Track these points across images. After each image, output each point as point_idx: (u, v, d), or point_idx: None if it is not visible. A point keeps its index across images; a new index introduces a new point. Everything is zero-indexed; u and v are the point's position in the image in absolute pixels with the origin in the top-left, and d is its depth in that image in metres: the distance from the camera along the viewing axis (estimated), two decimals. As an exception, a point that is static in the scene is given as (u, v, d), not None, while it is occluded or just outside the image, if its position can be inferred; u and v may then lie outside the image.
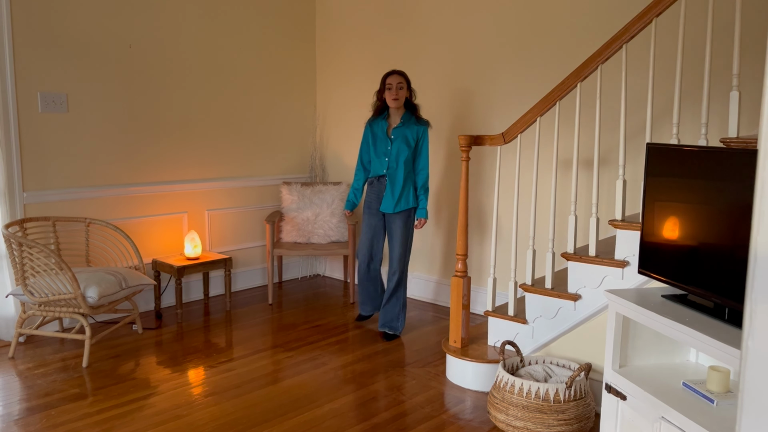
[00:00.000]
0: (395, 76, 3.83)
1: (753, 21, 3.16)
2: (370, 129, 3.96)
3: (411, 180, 3.89)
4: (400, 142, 3.82)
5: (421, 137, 3.86)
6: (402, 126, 3.84)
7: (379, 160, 3.91)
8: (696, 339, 2.02)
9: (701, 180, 2.24)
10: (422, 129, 3.85)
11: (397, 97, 3.80)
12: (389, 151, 3.86)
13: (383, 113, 3.91)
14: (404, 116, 3.86)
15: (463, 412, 3.04)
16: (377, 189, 3.95)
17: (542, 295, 3.13)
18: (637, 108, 3.52)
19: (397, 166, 3.85)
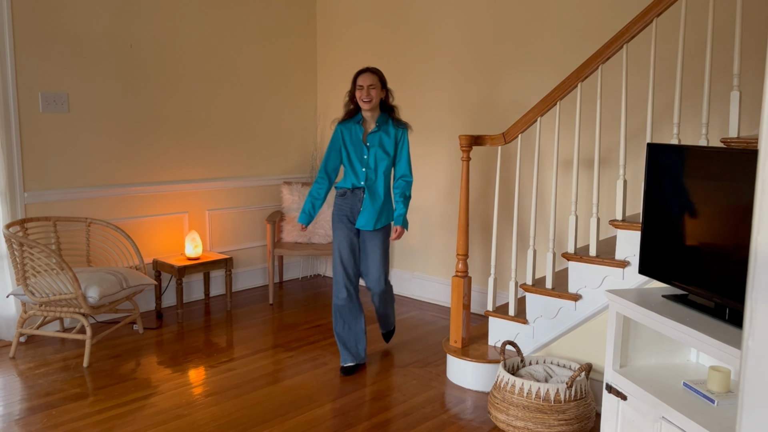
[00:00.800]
0: (366, 76, 3.34)
1: (754, 21, 3.16)
2: (342, 133, 3.43)
3: (389, 190, 3.46)
4: (378, 149, 3.37)
5: (400, 141, 3.40)
6: (378, 131, 3.38)
7: (355, 170, 3.40)
8: (696, 339, 2.02)
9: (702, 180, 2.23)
10: (400, 132, 3.40)
11: (369, 99, 3.31)
12: (366, 161, 3.37)
13: (357, 116, 3.43)
14: (379, 119, 3.38)
15: (464, 412, 3.04)
16: (351, 202, 3.40)
17: (543, 295, 3.13)
18: (637, 108, 3.52)
19: (376, 177, 3.38)
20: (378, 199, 3.38)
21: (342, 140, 3.42)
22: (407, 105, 4.85)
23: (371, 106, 3.32)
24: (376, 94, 3.33)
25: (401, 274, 5.04)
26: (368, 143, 3.38)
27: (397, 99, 4.97)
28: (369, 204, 3.37)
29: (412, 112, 4.82)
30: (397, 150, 3.41)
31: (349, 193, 3.41)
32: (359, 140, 3.39)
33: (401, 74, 4.86)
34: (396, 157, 3.42)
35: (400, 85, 4.87)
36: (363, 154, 3.38)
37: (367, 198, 3.38)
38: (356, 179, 3.40)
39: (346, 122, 3.43)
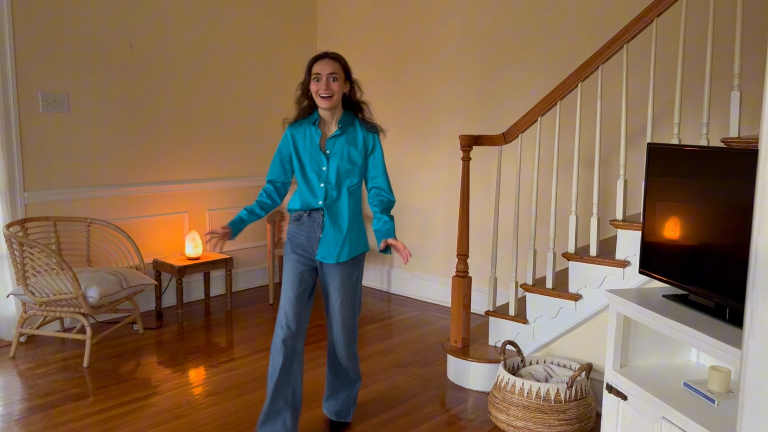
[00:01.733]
0: (325, 62, 2.56)
1: (754, 20, 3.15)
2: (293, 138, 2.64)
3: (360, 211, 2.71)
4: (341, 158, 2.59)
5: (371, 149, 2.66)
6: (340, 134, 2.61)
7: (311, 186, 2.60)
8: (697, 339, 2.01)
9: (702, 180, 2.23)
10: (371, 137, 2.66)
11: (329, 94, 2.52)
12: (325, 174, 2.58)
13: (312, 116, 2.64)
14: (342, 120, 2.62)
15: (464, 412, 3.04)
16: (309, 228, 2.63)
17: (543, 295, 3.13)
18: (638, 108, 3.51)
19: (339, 195, 2.60)
20: (342, 222, 2.61)
21: (293, 147, 2.63)
22: (407, 105, 4.85)
23: (332, 104, 2.53)
24: (339, 88, 2.55)
25: (401, 274, 5.04)
26: (328, 151, 2.59)
27: (398, 99, 5.00)
28: (330, 230, 2.60)
29: (413, 111, 4.82)
30: (367, 160, 2.66)
31: (306, 218, 2.62)
32: (316, 147, 2.59)
33: (401, 74, 4.86)
34: (367, 169, 2.67)
35: (400, 85, 4.88)
36: (321, 165, 2.58)
37: (328, 222, 2.60)
38: (313, 198, 2.59)
39: (297, 123, 2.66)
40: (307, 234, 2.63)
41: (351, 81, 2.65)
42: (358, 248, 2.68)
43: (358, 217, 2.68)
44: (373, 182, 2.70)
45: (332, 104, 2.54)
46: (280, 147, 2.68)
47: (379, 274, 5.20)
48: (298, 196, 2.64)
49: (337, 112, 2.62)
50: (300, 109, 2.65)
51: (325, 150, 2.60)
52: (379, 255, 5.18)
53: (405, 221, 4.98)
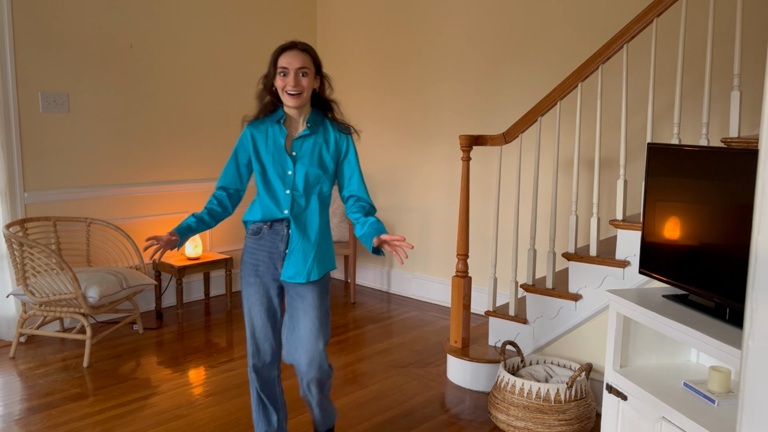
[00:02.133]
0: (294, 55, 2.22)
1: (754, 21, 3.15)
2: (253, 138, 2.32)
3: (329, 223, 2.39)
4: (309, 161, 2.27)
5: (345, 152, 2.34)
6: (309, 135, 2.29)
7: (275, 194, 2.28)
8: (697, 339, 2.01)
9: (702, 180, 2.23)
10: (344, 139, 2.34)
11: (297, 91, 2.20)
12: (291, 179, 2.27)
13: (277, 113, 2.32)
14: (311, 119, 2.31)
15: (464, 413, 3.04)
16: (271, 242, 2.29)
17: (543, 295, 3.13)
18: (638, 108, 3.52)
19: (307, 204, 2.29)
20: (312, 234, 2.29)
21: (253, 148, 2.31)
22: (407, 104, 4.85)
23: (300, 102, 2.22)
24: (309, 84, 2.23)
25: (401, 274, 5.04)
26: (294, 153, 2.27)
27: (398, 98, 5.00)
28: (298, 243, 2.27)
29: (413, 111, 4.82)
30: (340, 164, 2.35)
31: (267, 231, 2.29)
32: (280, 148, 2.27)
33: (401, 74, 4.86)
34: (341, 175, 2.36)
35: (400, 85, 4.88)
36: (286, 168, 2.27)
37: (295, 234, 2.26)
38: (276, 207, 2.27)
39: (259, 122, 2.34)
40: (269, 249, 2.29)
41: (322, 76, 2.31)
42: (328, 264, 2.35)
43: (327, 228, 2.36)
44: (349, 190, 2.36)
45: (301, 102, 2.22)
46: (236, 148, 2.34)
47: (379, 274, 5.20)
48: (258, 205, 2.31)
49: (305, 109, 2.29)
50: (262, 105, 2.33)
51: (291, 152, 2.27)
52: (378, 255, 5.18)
53: (405, 221, 4.98)
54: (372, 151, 5.06)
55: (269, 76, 2.27)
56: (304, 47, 2.26)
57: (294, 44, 2.25)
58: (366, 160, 5.13)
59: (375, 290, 5.18)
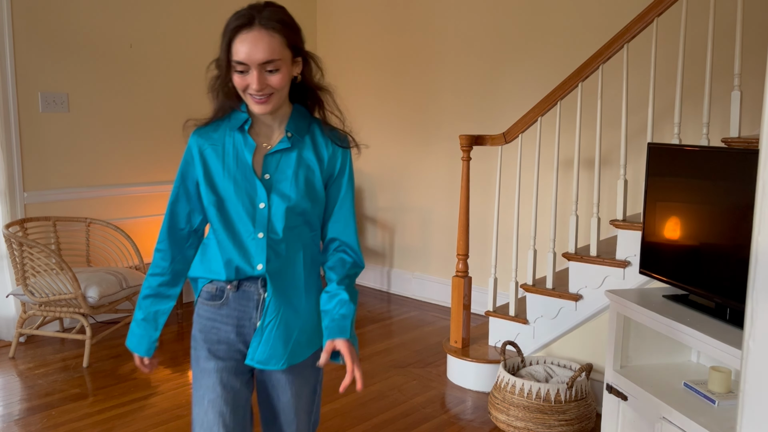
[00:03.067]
0: (254, 40, 1.43)
1: (754, 20, 3.15)
2: (200, 153, 1.56)
3: (319, 275, 1.66)
4: (291, 188, 1.54)
5: (338, 171, 1.61)
6: (289, 149, 1.56)
7: (237, 237, 1.54)
8: (697, 339, 2.01)
9: (703, 180, 2.23)
10: (339, 154, 1.60)
11: (265, 94, 1.47)
12: (264, 215, 1.53)
13: (237, 115, 1.57)
14: (292, 124, 1.57)
15: (464, 413, 3.04)
16: (238, 312, 1.58)
17: (543, 295, 3.13)
18: (638, 108, 3.51)
19: (290, 252, 1.56)
20: (298, 299, 1.58)
21: (203, 168, 1.54)
22: (407, 104, 4.85)
23: (272, 107, 1.49)
24: (283, 80, 1.46)
25: (401, 274, 5.04)
26: (267, 175, 1.53)
27: (398, 98, 5.00)
28: (279, 314, 1.55)
29: (413, 111, 4.82)
30: (329, 188, 1.61)
31: (231, 294, 1.56)
32: (246, 168, 1.53)
33: (401, 74, 4.86)
34: (328, 204, 1.62)
35: (401, 85, 4.88)
36: (256, 199, 1.52)
37: (275, 300, 1.54)
38: (244, 259, 1.53)
39: (211, 128, 1.57)
40: (236, 322, 1.56)
41: (304, 57, 1.51)
42: (319, 339, 1.62)
43: (317, 283, 1.63)
44: (333, 228, 1.62)
45: (273, 107, 1.48)
46: (181, 171, 1.57)
47: (379, 274, 5.19)
48: (214, 255, 1.56)
49: (282, 110, 1.55)
50: (218, 104, 1.56)
51: (263, 174, 1.51)
52: (378, 254, 5.18)
53: (405, 221, 4.98)
54: (372, 151, 5.06)
55: (222, 67, 1.50)
56: (268, 23, 1.42)
57: (251, 19, 1.42)
58: (366, 160, 5.13)
59: (375, 290, 5.18)
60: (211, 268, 1.57)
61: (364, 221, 5.23)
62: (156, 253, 1.63)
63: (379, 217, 5.14)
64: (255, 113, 1.52)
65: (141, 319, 1.63)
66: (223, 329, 1.57)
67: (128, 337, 1.65)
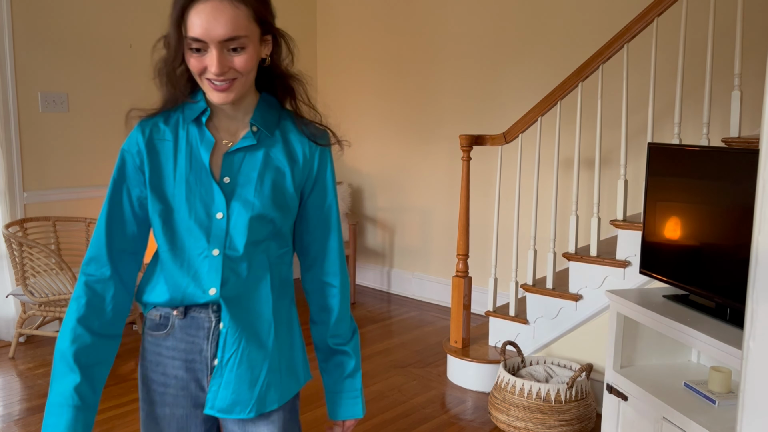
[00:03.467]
0: (213, 11, 1.16)
1: (755, 20, 3.15)
2: (147, 149, 1.27)
3: (293, 300, 1.37)
4: (256, 195, 1.25)
5: (316, 175, 1.32)
6: (255, 146, 1.28)
7: (185, 255, 1.25)
8: (697, 339, 2.01)
9: (703, 180, 2.23)
10: (315, 152, 1.31)
11: (227, 79, 1.18)
12: (222, 227, 1.24)
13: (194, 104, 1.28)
14: (259, 115, 1.28)
15: (464, 413, 3.04)
16: (186, 344, 1.28)
17: (543, 295, 3.13)
18: (638, 107, 3.51)
19: (253, 275, 1.27)
20: (264, 331, 1.30)
21: (149, 168, 1.27)
22: (407, 104, 4.85)
23: (235, 96, 1.22)
24: (249, 60, 1.19)
25: (401, 274, 5.04)
26: (227, 178, 1.27)
27: (398, 98, 5.00)
28: (239, 349, 1.27)
29: (413, 111, 4.81)
30: (307, 197, 1.34)
31: (177, 322, 1.29)
32: (202, 170, 1.27)
33: (401, 74, 4.86)
34: (301, 218, 1.35)
35: (400, 85, 4.87)
36: (212, 208, 1.26)
37: (233, 334, 1.27)
38: (194, 282, 1.26)
39: (160, 118, 1.31)
40: (184, 356, 1.28)
41: (274, 35, 1.25)
42: (296, 380, 1.36)
43: (289, 311, 1.34)
44: (311, 248, 1.35)
45: (236, 96, 1.21)
46: (118, 172, 1.27)
47: (379, 274, 5.19)
48: (159, 276, 1.27)
49: (247, 99, 1.28)
50: (168, 93, 1.27)
51: (222, 177, 1.25)
52: (378, 254, 5.19)
53: (405, 221, 4.98)
54: (372, 151, 5.06)
55: (171, 45, 1.23)
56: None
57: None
58: (366, 159, 5.13)
59: (375, 290, 5.18)
60: (159, 294, 1.27)
61: (364, 221, 5.23)
62: (85, 281, 1.24)
63: (379, 217, 5.14)
64: (214, 102, 1.22)
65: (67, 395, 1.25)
66: (170, 365, 1.28)
67: (44, 427, 1.25)
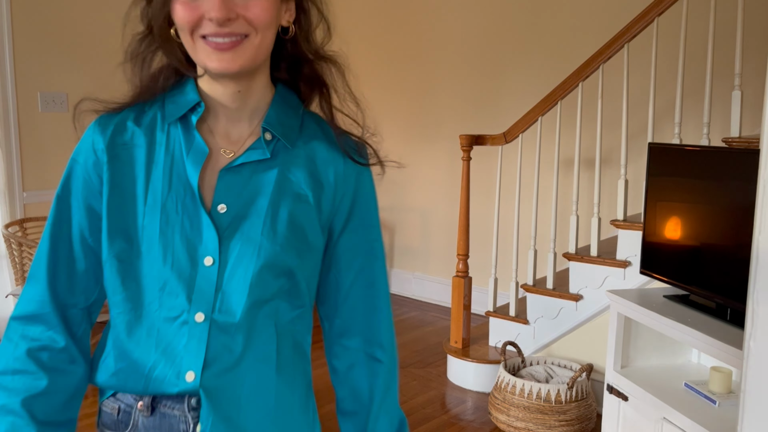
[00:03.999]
0: None
1: (755, 20, 3.15)
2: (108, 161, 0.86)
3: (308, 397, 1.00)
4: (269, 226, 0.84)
5: (353, 206, 0.94)
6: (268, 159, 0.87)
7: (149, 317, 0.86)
8: (698, 339, 2.01)
9: (703, 180, 2.23)
10: (353, 174, 0.92)
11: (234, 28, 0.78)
12: (208, 276, 0.83)
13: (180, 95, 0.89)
14: (273, 115, 0.88)
15: (464, 413, 3.03)
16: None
17: (544, 295, 3.13)
18: (638, 107, 3.51)
19: (247, 348, 0.85)
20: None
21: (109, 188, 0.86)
22: (407, 104, 4.84)
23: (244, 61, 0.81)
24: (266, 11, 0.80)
25: (401, 274, 5.04)
26: (222, 202, 0.85)
27: (398, 98, 5.01)
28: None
29: (413, 111, 4.81)
30: (339, 236, 0.94)
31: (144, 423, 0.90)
32: (185, 189, 0.85)
33: (401, 73, 4.86)
34: (336, 264, 0.95)
35: (401, 85, 4.87)
36: (197, 244, 0.83)
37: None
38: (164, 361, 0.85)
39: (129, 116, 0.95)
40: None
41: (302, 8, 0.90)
42: None
43: (305, 404, 1.00)
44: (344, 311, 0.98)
45: (246, 63, 0.83)
46: (59, 194, 0.95)
47: (380, 275, 5.19)
48: (110, 350, 0.99)
49: (257, 89, 0.89)
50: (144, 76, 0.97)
51: (216, 204, 0.86)
52: (379, 255, 5.18)
53: (405, 221, 4.98)
54: (372, 151, 5.06)
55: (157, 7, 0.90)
56: None
57: None
58: (366, 160, 5.12)
59: (375, 290, 5.18)
60: (107, 371, 0.94)
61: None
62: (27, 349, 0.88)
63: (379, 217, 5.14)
64: (212, 71, 0.82)
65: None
66: None
67: None
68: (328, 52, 0.95)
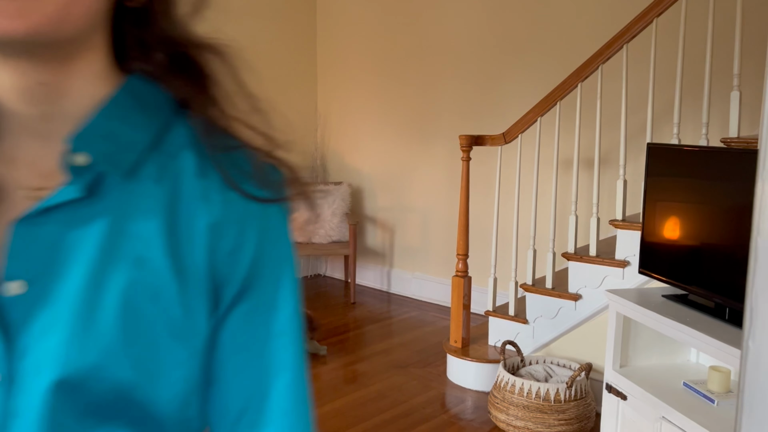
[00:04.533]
0: None
1: (754, 20, 3.15)
2: None
3: None
4: (87, 314, 0.47)
5: (253, 271, 0.53)
6: (86, 197, 0.49)
7: None
8: (696, 339, 2.01)
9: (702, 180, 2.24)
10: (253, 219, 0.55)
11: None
12: None
13: None
14: (103, 123, 0.51)
15: (464, 412, 3.04)
16: None
17: (543, 295, 3.13)
18: (637, 108, 3.51)
19: None
20: None
21: None
22: (407, 104, 4.85)
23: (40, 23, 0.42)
24: None
25: (401, 274, 5.04)
26: (15, 276, 0.47)
27: (397, 98, 5.02)
28: None
29: (412, 111, 4.82)
30: (221, 324, 0.53)
31: None
32: None
33: (401, 74, 4.86)
34: (216, 366, 0.53)
35: (400, 85, 4.88)
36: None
37: None
38: None
39: None
40: None
41: None
42: None
43: None
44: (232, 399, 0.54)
45: (43, 23, 0.43)
46: None
47: (379, 274, 5.20)
48: None
49: (76, 76, 0.51)
50: None
51: (7, 279, 0.47)
52: (378, 254, 5.19)
53: (405, 221, 4.98)
54: (372, 151, 5.06)
55: None
56: None
57: None
58: (366, 159, 5.13)
59: (375, 290, 5.18)
60: None
61: (364, 221, 5.23)
62: None
63: (379, 217, 5.14)
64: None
65: None
66: None
67: None
68: (204, 38, 0.62)
